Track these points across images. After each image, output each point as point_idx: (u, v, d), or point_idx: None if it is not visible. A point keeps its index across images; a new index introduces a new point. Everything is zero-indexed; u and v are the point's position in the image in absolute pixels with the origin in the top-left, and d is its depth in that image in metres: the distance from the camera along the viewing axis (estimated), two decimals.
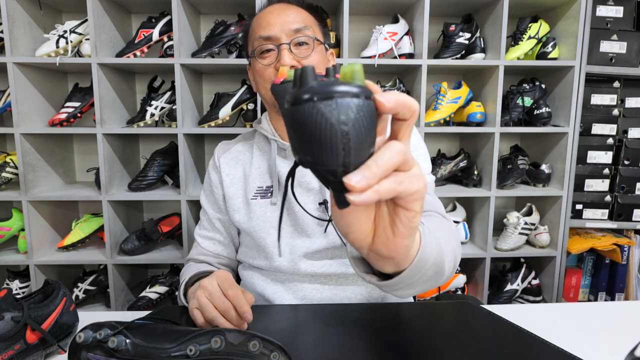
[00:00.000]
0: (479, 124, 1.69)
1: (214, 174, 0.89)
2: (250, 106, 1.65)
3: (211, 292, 0.60)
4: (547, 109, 1.69)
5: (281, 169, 0.81)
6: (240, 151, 0.89)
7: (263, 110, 1.60)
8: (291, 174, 0.37)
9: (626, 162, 1.69)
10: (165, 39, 1.60)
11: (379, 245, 0.36)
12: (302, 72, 0.29)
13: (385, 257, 0.37)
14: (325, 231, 0.78)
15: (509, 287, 1.72)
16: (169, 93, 1.65)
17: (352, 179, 0.29)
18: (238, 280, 0.93)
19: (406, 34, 1.63)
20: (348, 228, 0.36)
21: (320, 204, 0.79)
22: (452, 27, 1.63)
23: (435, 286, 0.52)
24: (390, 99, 0.30)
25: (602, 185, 1.71)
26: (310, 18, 0.81)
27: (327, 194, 0.78)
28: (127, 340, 0.48)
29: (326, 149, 0.28)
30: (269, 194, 0.82)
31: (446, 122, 1.72)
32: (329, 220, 0.78)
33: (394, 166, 0.31)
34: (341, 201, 0.31)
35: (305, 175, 0.80)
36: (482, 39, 1.67)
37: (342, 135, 0.27)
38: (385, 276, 0.43)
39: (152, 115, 1.61)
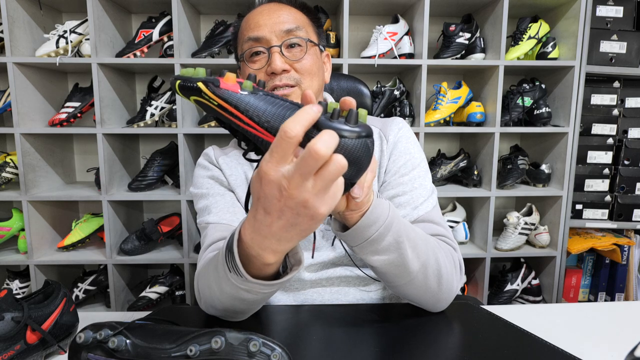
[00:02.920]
0: (479, 124, 1.69)
1: (215, 169, 0.82)
2: None
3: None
4: (547, 109, 1.69)
5: None
6: (238, 158, 0.82)
7: None
8: None
9: (626, 162, 1.69)
10: (165, 39, 1.60)
11: (352, 205, 0.51)
12: (334, 110, 0.40)
13: (354, 209, 0.52)
14: (332, 244, 0.76)
15: (509, 287, 1.72)
16: (169, 93, 1.65)
17: (356, 191, 0.47)
18: None
19: (406, 34, 1.63)
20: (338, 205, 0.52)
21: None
22: (452, 27, 1.63)
23: (400, 274, 0.59)
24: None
25: (602, 185, 1.71)
26: (304, 18, 0.77)
27: None
28: (127, 341, 0.48)
29: (361, 168, 0.41)
30: None
31: (446, 122, 1.72)
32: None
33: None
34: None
35: None
36: (482, 39, 1.67)
37: (367, 162, 0.41)
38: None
39: (152, 115, 1.61)
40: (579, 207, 1.71)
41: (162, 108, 1.63)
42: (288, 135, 0.36)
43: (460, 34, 1.63)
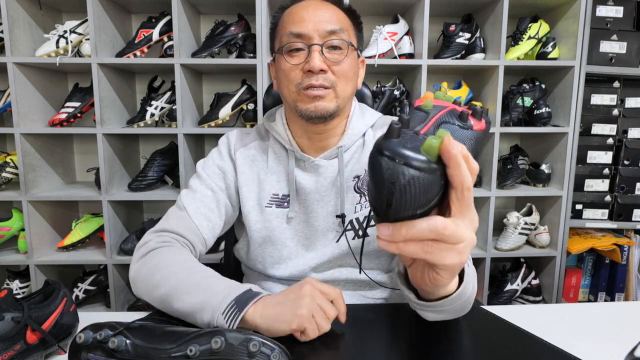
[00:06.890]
0: None
1: (228, 161, 0.81)
2: (251, 106, 1.65)
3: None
4: (547, 109, 1.69)
5: (301, 180, 0.77)
6: (257, 152, 0.82)
7: (264, 110, 1.59)
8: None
9: (626, 162, 1.69)
10: (165, 39, 1.60)
11: (411, 275, 0.47)
12: (390, 127, 0.35)
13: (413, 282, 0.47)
14: (337, 241, 0.77)
15: (509, 287, 1.72)
16: (169, 93, 1.65)
17: (381, 229, 0.37)
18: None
19: (406, 34, 1.63)
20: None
21: (337, 216, 0.76)
22: (452, 27, 1.63)
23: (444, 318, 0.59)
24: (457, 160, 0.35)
25: (602, 185, 1.71)
26: (347, 20, 0.75)
27: (345, 208, 0.76)
28: (128, 341, 0.48)
29: (376, 194, 0.35)
30: (285, 204, 0.78)
31: None
32: (343, 231, 0.76)
33: (424, 237, 0.36)
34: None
35: (323, 188, 0.77)
36: (482, 39, 1.67)
37: (388, 191, 0.34)
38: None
39: (152, 115, 1.61)
40: (579, 207, 1.71)
41: (162, 108, 1.63)
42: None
43: (460, 34, 1.63)
